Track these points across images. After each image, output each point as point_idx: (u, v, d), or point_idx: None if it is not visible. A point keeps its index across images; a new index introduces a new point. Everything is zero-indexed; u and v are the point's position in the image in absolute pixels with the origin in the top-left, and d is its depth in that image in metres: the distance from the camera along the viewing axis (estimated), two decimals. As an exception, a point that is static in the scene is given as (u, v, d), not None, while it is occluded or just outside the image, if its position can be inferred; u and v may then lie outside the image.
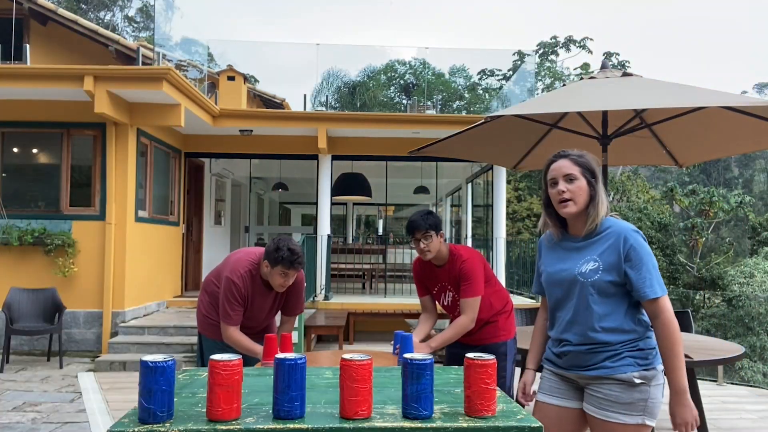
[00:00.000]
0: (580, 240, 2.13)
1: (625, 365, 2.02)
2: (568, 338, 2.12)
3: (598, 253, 2.06)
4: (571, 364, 2.14)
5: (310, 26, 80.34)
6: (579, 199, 2.07)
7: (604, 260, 2.04)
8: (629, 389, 2.01)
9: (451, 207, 15.63)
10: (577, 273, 2.08)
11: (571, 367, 2.14)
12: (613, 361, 2.03)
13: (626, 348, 2.03)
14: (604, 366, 2.04)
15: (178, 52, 14.97)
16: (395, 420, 1.44)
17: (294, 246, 2.97)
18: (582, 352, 2.08)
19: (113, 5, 28.38)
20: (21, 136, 7.43)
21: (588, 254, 2.08)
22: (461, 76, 34.93)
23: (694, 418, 1.97)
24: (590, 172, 2.10)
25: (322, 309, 8.51)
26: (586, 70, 26.82)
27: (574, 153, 2.14)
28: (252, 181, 13.75)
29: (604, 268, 2.04)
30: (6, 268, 7.11)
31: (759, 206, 27.09)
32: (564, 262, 2.15)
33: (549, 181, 2.13)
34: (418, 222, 3.03)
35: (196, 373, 1.98)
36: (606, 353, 2.05)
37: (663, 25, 76.99)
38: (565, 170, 2.09)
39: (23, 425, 4.47)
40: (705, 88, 3.50)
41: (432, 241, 3.04)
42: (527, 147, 4.70)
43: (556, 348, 2.19)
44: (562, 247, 2.19)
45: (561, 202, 2.09)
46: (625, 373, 2.01)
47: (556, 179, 2.11)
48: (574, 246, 2.14)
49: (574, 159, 2.11)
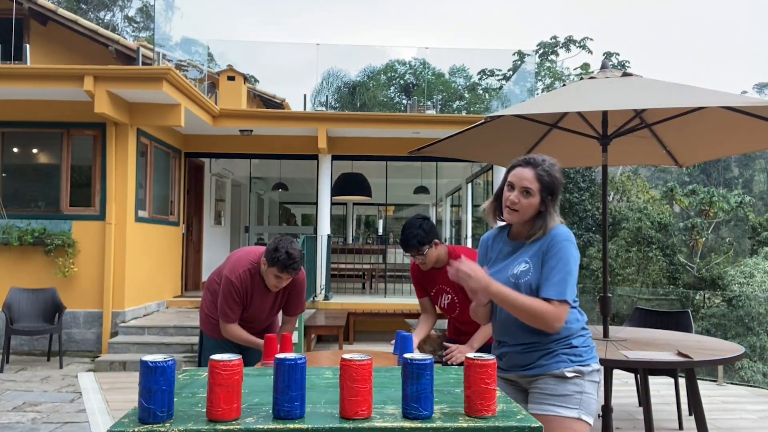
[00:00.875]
0: (521, 245, 2.17)
1: (558, 362, 2.07)
2: (505, 339, 2.17)
3: (530, 255, 2.11)
4: (510, 364, 2.18)
5: (310, 26, 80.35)
6: (525, 213, 2.10)
7: (534, 261, 2.09)
8: (563, 382, 2.06)
9: (451, 207, 15.63)
10: (510, 274, 2.12)
11: (511, 368, 2.18)
12: (546, 359, 2.08)
13: (560, 345, 2.07)
14: (539, 365, 2.09)
15: (178, 52, 14.96)
16: (395, 420, 1.44)
17: (292, 250, 2.95)
18: (518, 352, 2.13)
19: (113, 5, 28.37)
20: (21, 136, 7.43)
21: (522, 256, 2.13)
22: (461, 76, 34.93)
23: (475, 280, 2.00)
24: (550, 192, 2.09)
25: (322, 309, 8.51)
26: (586, 70, 26.82)
27: (543, 167, 2.10)
28: (252, 181, 13.75)
29: (534, 269, 2.08)
30: (6, 268, 7.11)
31: (759, 206, 27.08)
32: (501, 263, 2.20)
33: (508, 182, 2.14)
34: (408, 242, 2.99)
35: (196, 373, 1.98)
36: (540, 352, 2.09)
37: (663, 25, 76.98)
38: (525, 183, 2.09)
39: (23, 425, 4.47)
40: (705, 88, 3.50)
41: (427, 255, 3.02)
42: (527, 147, 4.70)
43: (496, 350, 2.23)
44: (501, 249, 2.24)
45: (508, 208, 2.12)
46: (558, 369, 2.06)
47: (513, 185, 2.11)
48: (512, 248, 2.20)
49: (539, 175, 2.09)
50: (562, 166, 2.25)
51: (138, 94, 6.89)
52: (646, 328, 4.64)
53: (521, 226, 2.17)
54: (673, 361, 3.31)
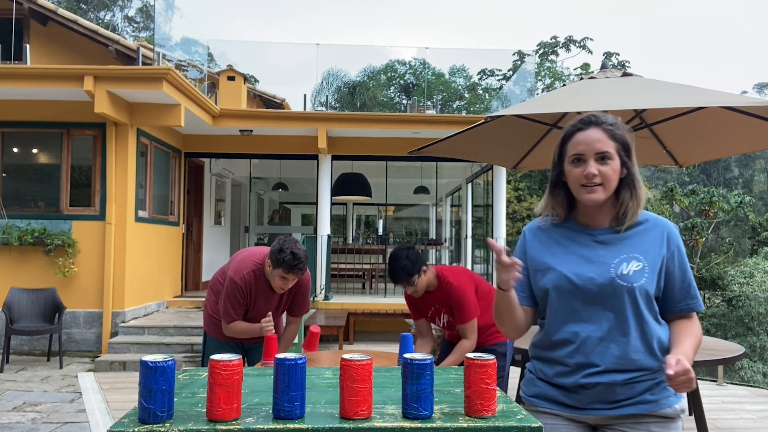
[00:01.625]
0: (609, 231, 1.65)
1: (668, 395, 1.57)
2: (596, 362, 1.59)
3: (640, 250, 1.60)
4: (593, 400, 1.60)
5: (310, 26, 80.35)
6: (610, 185, 1.60)
7: (650, 259, 1.60)
8: (670, 425, 1.58)
9: (451, 207, 15.63)
10: (616, 275, 1.59)
11: (591, 405, 1.60)
12: (653, 393, 1.57)
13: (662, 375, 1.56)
14: (643, 400, 1.56)
15: (178, 52, 14.95)
16: (395, 420, 1.44)
17: (297, 250, 2.94)
18: (618, 383, 1.56)
19: (113, 5, 28.38)
20: (21, 136, 7.43)
21: (624, 251, 1.61)
22: (461, 76, 34.95)
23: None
24: (625, 148, 1.63)
25: (322, 309, 8.51)
26: (586, 70, 26.81)
27: (607, 121, 1.63)
28: (252, 181, 13.75)
29: (650, 270, 1.59)
30: (6, 268, 7.11)
31: (759, 206, 27.09)
32: (590, 259, 1.64)
33: (572, 155, 1.63)
34: (397, 275, 3.00)
35: (196, 373, 1.98)
36: (646, 383, 1.57)
37: (663, 26, 76.99)
38: (599, 146, 1.60)
39: (23, 425, 4.47)
40: (705, 88, 3.50)
41: (415, 285, 3.02)
42: (527, 147, 4.70)
43: (570, 379, 1.62)
44: (573, 239, 1.68)
45: (586, 186, 1.60)
46: (671, 407, 1.57)
47: (583, 155, 1.61)
48: (599, 239, 1.65)
49: (608, 131, 1.62)
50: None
51: (138, 94, 6.89)
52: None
53: (596, 207, 1.65)
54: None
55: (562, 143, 1.68)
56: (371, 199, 11.89)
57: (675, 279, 1.62)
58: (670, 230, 1.63)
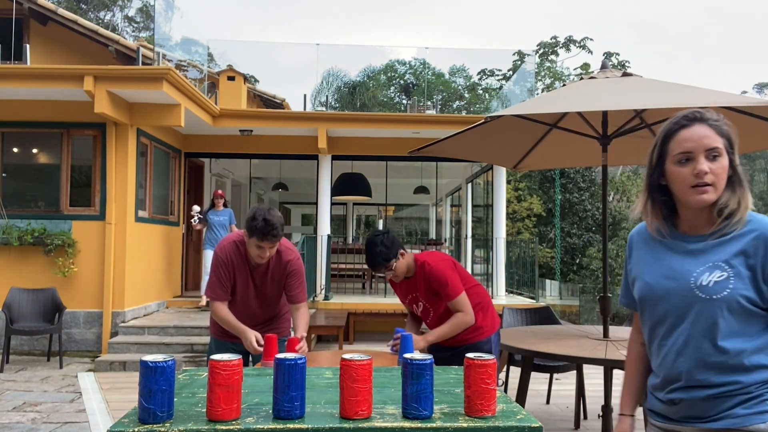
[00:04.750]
0: (703, 239, 1.56)
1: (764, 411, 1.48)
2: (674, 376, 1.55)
3: (727, 258, 1.50)
4: (685, 414, 1.55)
5: (310, 26, 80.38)
6: (720, 184, 1.51)
7: (737, 268, 1.49)
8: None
9: (451, 207, 15.63)
10: (696, 286, 1.51)
11: (686, 419, 1.55)
12: (746, 408, 1.49)
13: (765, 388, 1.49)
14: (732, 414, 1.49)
15: (178, 52, 14.97)
16: (395, 420, 1.44)
17: (270, 216, 2.85)
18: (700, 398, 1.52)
19: (113, 5, 28.37)
20: (21, 136, 7.43)
21: (711, 259, 1.52)
22: (461, 76, 34.96)
23: None
24: (731, 145, 1.54)
25: (322, 309, 8.51)
26: (586, 70, 26.81)
27: (712, 117, 1.54)
28: (252, 181, 13.75)
29: (736, 280, 1.48)
30: (6, 268, 7.11)
31: (759, 206, 27.08)
32: (673, 269, 1.57)
33: (678, 154, 1.53)
34: (374, 262, 2.98)
35: (196, 373, 1.98)
36: (737, 397, 1.49)
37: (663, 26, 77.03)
38: (709, 142, 1.50)
39: (23, 425, 4.47)
40: (705, 88, 3.50)
41: (394, 270, 3.01)
42: (527, 147, 4.70)
43: (663, 392, 1.58)
44: (668, 247, 1.61)
45: (697, 186, 1.50)
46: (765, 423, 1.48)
47: (692, 154, 1.51)
48: (689, 248, 1.57)
49: (715, 126, 1.52)
50: (562, 166, 2.03)
51: (138, 94, 6.89)
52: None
53: (702, 211, 1.54)
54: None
55: (663, 142, 1.57)
56: (371, 199, 11.89)
57: None
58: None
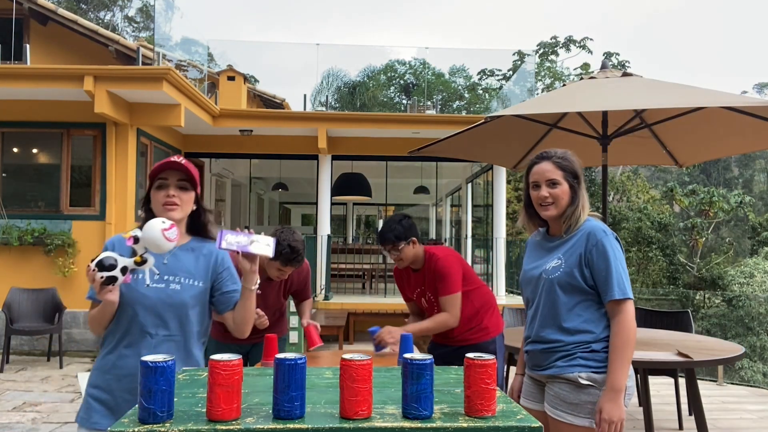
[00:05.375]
0: (557, 239, 2.14)
1: (573, 365, 2.02)
2: (530, 337, 2.16)
3: (564, 251, 2.08)
4: (533, 363, 2.16)
5: (310, 26, 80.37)
6: (560, 203, 2.09)
7: (567, 258, 2.06)
8: (576, 390, 2.01)
9: (451, 207, 15.63)
10: (543, 270, 2.11)
11: (534, 367, 2.15)
12: (564, 361, 2.04)
13: (579, 349, 2.02)
14: (555, 365, 2.06)
15: (178, 52, 14.96)
16: (395, 420, 1.44)
17: (295, 243, 2.92)
18: (539, 351, 2.11)
19: (113, 5, 28.38)
20: (21, 136, 7.43)
21: (557, 253, 2.10)
22: (461, 76, 34.94)
23: (620, 418, 1.94)
24: (573, 175, 2.10)
25: (322, 309, 8.50)
26: (586, 70, 26.81)
27: (557, 155, 2.13)
28: (252, 181, 13.75)
29: (566, 266, 2.05)
30: (6, 268, 7.11)
31: (759, 206, 27.08)
32: (537, 261, 2.18)
33: (531, 183, 2.14)
34: (384, 236, 2.98)
35: (196, 373, 1.98)
36: (559, 353, 2.05)
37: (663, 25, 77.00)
38: (548, 175, 2.10)
39: (23, 425, 4.47)
40: (705, 88, 3.50)
41: (403, 252, 3.00)
42: (527, 147, 4.70)
43: (525, 347, 2.22)
44: (541, 246, 2.21)
45: (542, 205, 2.11)
46: (572, 373, 2.01)
47: (538, 183, 2.12)
48: (549, 246, 2.17)
49: (557, 163, 2.10)
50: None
51: (138, 94, 6.89)
52: (647, 328, 4.64)
53: (558, 221, 2.13)
54: (673, 361, 3.31)
55: (526, 174, 2.18)
56: (371, 199, 11.89)
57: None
58: (591, 233, 2.05)
